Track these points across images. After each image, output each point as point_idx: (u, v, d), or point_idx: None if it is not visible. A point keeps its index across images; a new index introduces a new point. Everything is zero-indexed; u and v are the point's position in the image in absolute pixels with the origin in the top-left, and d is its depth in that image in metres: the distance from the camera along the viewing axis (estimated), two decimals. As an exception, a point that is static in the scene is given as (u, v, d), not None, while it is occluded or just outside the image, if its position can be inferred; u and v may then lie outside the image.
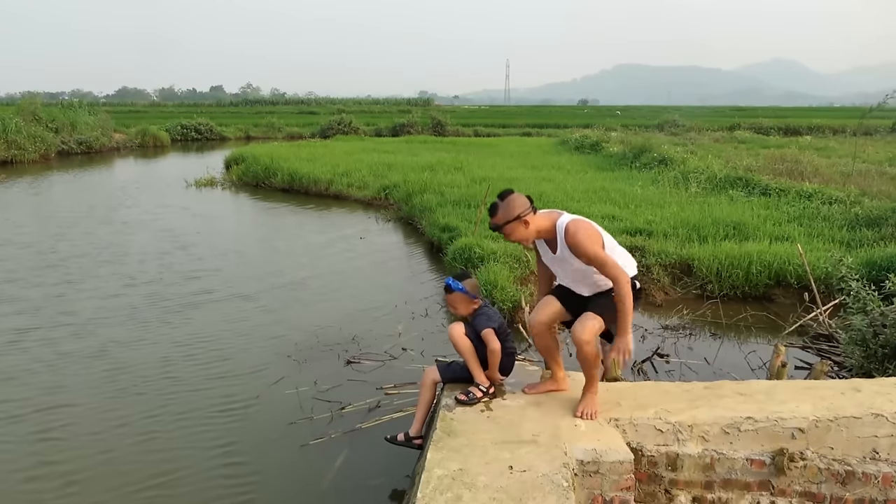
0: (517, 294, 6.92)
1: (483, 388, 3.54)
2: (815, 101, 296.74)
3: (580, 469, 2.93)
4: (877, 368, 4.75)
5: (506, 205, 3.28)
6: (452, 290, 3.69)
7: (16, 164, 22.82)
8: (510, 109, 76.88)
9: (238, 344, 6.36)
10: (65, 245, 10.48)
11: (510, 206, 3.27)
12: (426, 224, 11.11)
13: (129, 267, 9.13)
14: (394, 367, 5.79)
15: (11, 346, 6.21)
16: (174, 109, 59.90)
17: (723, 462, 3.17)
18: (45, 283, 8.26)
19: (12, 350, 6.12)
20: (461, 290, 3.67)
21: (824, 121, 39.97)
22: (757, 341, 6.57)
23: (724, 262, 7.87)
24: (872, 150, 21.16)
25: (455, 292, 3.69)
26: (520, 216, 3.25)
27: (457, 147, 24.28)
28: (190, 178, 18.35)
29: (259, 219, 13.84)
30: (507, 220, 3.26)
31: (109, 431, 4.69)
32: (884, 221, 9.52)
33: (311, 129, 37.17)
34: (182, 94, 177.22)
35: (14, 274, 8.71)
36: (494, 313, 3.78)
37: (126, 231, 11.70)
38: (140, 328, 6.72)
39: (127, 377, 5.55)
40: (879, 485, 3.14)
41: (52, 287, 8.12)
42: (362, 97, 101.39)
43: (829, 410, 3.28)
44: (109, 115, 33.29)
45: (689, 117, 38.01)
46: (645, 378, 5.47)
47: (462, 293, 3.68)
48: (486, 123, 42.17)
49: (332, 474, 4.18)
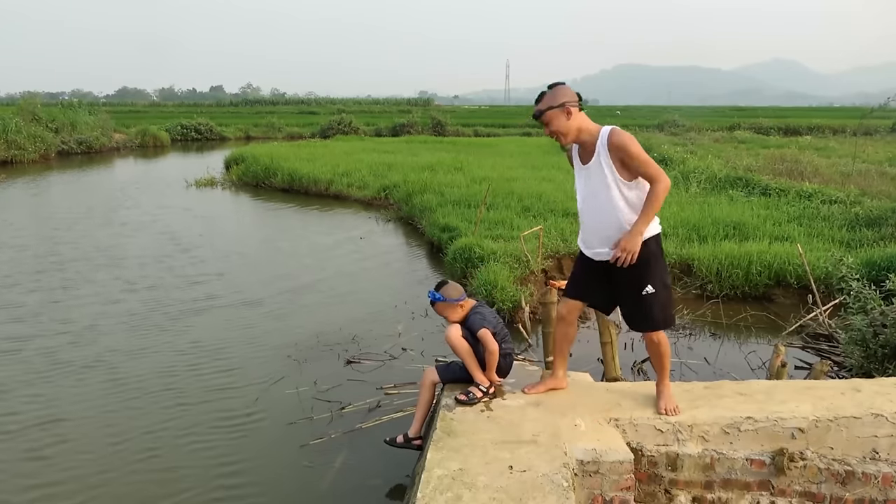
0: (517, 294, 6.92)
1: (483, 388, 3.53)
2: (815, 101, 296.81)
3: (580, 469, 2.93)
4: (877, 368, 4.75)
5: (552, 92, 3.17)
6: (434, 301, 3.72)
7: (16, 164, 22.82)
8: (510, 109, 76.85)
9: (238, 343, 6.36)
10: (64, 248, 10.44)
11: (556, 93, 3.17)
12: (426, 224, 11.11)
13: (129, 271, 9.05)
14: (394, 367, 5.79)
15: (5, 356, 5.99)
16: (174, 109, 59.89)
17: (723, 462, 3.17)
18: (42, 289, 8.09)
19: (6, 360, 5.90)
20: (440, 299, 3.67)
21: (824, 121, 39.97)
22: (757, 341, 6.57)
23: (724, 262, 7.87)
24: (872, 150, 21.18)
25: (437, 303, 3.70)
26: (564, 104, 3.14)
27: (457, 147, 24.28)
28: (190, 178, 18.36)
29: (260, 220, 13.84)
30: (550, 106, 3.14)
31: (109, 429, 4.68)
32: (884, 221, 9.53)
33: (311, 129, 37.17)
34: (182, 94, 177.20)
35: (9, 279, 8.51)
36: (490, 313, 3.75)
37: (126, 233, 11.65)
38: (140, 336, 6.60)
39: (127, 377, 5.55)
40: (879, 485, 3.14)
41: (49, 292, 7.96)
42: (362, 97, 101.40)
43: (829, 410, 3.28)
44: (109, 115, 33.29)
45: (689, 117, 38.02)
46: (645, 378, 5.46)
47: (443, 302, 3.67)
48: (486, 123, 42.14)
49: (332, 474, 4.17)
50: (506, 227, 9.78)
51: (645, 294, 3.22)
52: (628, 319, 3.42)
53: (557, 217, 10.43)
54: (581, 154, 3.31)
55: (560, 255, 8.50)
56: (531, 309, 6.80)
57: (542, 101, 3.18)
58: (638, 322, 3.35)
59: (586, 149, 3.25)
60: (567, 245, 8.69)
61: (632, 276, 3.22)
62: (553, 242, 8.73)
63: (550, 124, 3.17)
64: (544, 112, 3.16)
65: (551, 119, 3.16)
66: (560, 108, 3.14)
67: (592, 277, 3.42)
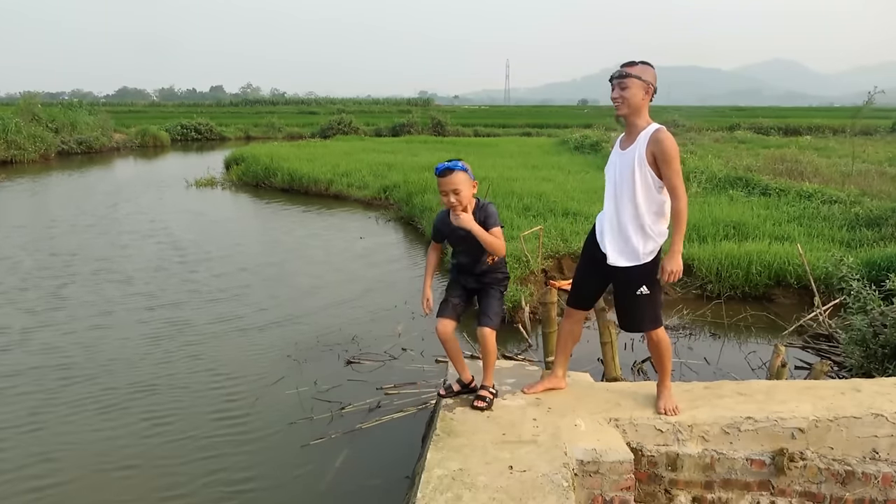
0: (517, 294, 6.92)
1: (493, 390, 3.46)
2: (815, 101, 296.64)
3: (580, 469, 2.93)
4: (877, 368, 4.76)
5: (648, 68, 3.14)
6: (453, 170, 3.22)
7: (16, 164, 22.82)
8: (510, 109, 76.87)
9: (237, 344, 6.36)
10: (63, 247, 10.46)
11: (649, 71, 3.14)
12: (426, 224, 11.11)
13: (127, 271, 9.07)
14: (394, 367, 5.79)
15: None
16: (174, 109, 59.88)
17: (723, 462, 3.17)
18: (43, 287, 8.09)
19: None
20: (463, 168, 3.25)
21: (824, 121, 39.97)
22: (757, 341, 6.57)
23: (724, 262, 7.87)
24: (872, 150, 21.17)
25: (457, 171, 3.22)
26: (650, 83, 3.13)
27: (457, 147, 24.30)
28: (190, 178, 18.37)
29: (260, 220, 13.84)
30: (641, 77, 3.11)
31: (108, 430, 4.69)
32: (884, 221, 9.53)
33: (311, 129, 37.17)
34: (182, 94, 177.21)
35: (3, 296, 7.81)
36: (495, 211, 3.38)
37: (126, 234, 11.68)
38: (139, 335, 6.62)
39: (126, 376, 5.56)
40: (879, 485, 3.14)
41: (49, 292, 8.02)
42: (362, 97, 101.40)
43: (829, 410, 3.28)
44: (109, 115, 33.33)
45: (688, 117, 37.98)
46: (645, 378, 5.46)
47: (466, 172, 3.26)
48: (486, 123, 42.16)
49: (332, 474, 4.17)
50: (506, 226, 9.74)
51: (639, 294, 3.25)
52: (619, 317, 3.45)
53: (557, 217, 10.43)
54: (623, 141, 3.31)
55: (560, 255, 8.50)
56: (531, 309, 6.80)
57: (635, 66, 3.14)
58: (628, 321, 3.38)
59: (631, 135, 3.24)
60: (567, 245, 8.69)
61: (630, 276, 3.25)
62: (553, 242, 8.72)
63: (627, 90, 3.12)
64: (632, 76, 3.11)
65: (628, 86, 3.12)
66: (645, 83, 3.13)
67: (593, 279, 3.45)
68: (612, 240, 3.28)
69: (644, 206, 3.18)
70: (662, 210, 3.21)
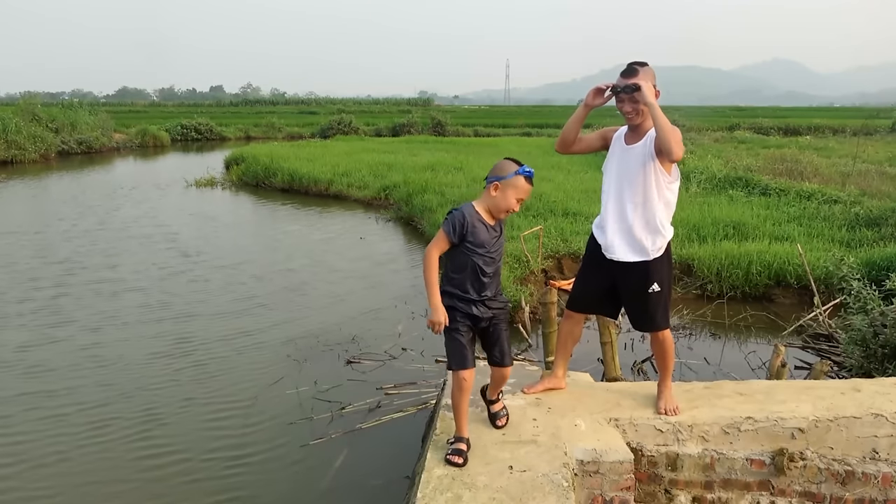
0: (517, 294, 6.92)
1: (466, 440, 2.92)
2: (815, 101, 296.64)
3: (580, 469, 2.93)
4: (877, 368, 4.76)
5: (647, 70, 3.09)
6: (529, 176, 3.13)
7: (16, 164, 22.83)
8: (510, 109, 76.83)
9: (237, 343, 6.36)
10: (64, 247, 10.47)
11: (650, 72, 3.09)
12: (427, 224, 11.11)
13: (125, 271, 9.07)
14: (394, 367, 5.79)
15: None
16: (174, 109, 59.90)
17: (723, 462, 3.17)
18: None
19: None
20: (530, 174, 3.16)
21: (824, 121, 39.95)
22: (757, 341, 6.57)
23: (724, 262, 7.87)
24: (872, 150, 21.18)
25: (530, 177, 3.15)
26: (653, 87, 3.06)
27: (457, 147, 24.27)
28: (190, 178, 18.37)
29: (259, 219, 13.84)
30: (653, 84, 3.05)
31: (105, 428, 4.69)
32: (884, 221, 9.54)
33: (311, 129, 37.17)
34: (182, 94, 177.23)
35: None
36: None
37: (124, 232, 11.69)
38: (138, 336, 6.64)
39: (126, 376, 5.56)
40: (879, 485, 3.14)
41: (49, 290, 8.03)
42: (362, 97, 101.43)
43: (828, 410, 3.28)
44: (109, 115, 33.30)
45: (688, 117, 37.98)
46: (645, 378, 5.46)
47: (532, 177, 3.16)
48: (486, 123, 42.15)
49: (332, 474, 4.18)
50: (506, 226, 9.76)
51: (651, 292, 3.22)
52: (633, 319, 3.41)
53: (557, 217, 10.43)
54: (628, 136, 3.27)
55: (560, 255, 8.50)
56: (531, 309, 6.80)
57: (637, 74, 3.07)
58: (643, 321, 3.34)
59: (637, 133, 3.21)
60: (567, 245, 8.69)
61: (640, 274, 3.21)
62: (553, 242, 8.73)
63: (642, 98, 3.05)
64: (638, 87, 3.03)
65: (645, 93, 3.03)
66: (654, 88, 3.08)
67: (597, 285, 3.40)
68: (618, 234, 3.23)
69: (653, 198, 3.15)
70: (670, 204, 3.19)
